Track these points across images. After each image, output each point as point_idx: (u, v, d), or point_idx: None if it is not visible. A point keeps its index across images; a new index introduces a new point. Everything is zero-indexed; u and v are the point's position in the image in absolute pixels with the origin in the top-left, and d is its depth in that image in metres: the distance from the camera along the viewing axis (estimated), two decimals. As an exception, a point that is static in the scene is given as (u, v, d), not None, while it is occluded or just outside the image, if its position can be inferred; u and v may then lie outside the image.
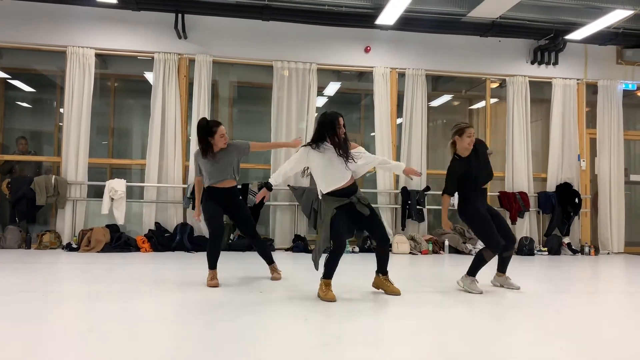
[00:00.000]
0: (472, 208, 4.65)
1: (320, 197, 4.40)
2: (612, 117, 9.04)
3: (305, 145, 4.29)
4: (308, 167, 4.34)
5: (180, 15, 7.73)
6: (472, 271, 4.71)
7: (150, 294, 4.27)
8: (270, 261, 5.16)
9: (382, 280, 4.51)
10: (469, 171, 4.63)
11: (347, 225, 4.24)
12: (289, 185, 7.83)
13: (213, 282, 4.62)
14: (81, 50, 7.70)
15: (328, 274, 4.25)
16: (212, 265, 4.72)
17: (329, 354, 2.75)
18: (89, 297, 4.12)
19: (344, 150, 4.13)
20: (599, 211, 9.01)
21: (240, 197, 5.02)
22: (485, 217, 4.62)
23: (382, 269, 4.49)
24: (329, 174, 4.21)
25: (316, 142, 4.19)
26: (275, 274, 5.08)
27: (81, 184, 7.60)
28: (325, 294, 4.16)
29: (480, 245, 8.10)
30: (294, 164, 4.33)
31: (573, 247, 8.60)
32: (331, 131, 4.12)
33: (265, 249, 5.19)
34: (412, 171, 4.53)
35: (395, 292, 4.40)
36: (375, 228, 4.35)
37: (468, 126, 4.68)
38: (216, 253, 4.75)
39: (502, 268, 4.90)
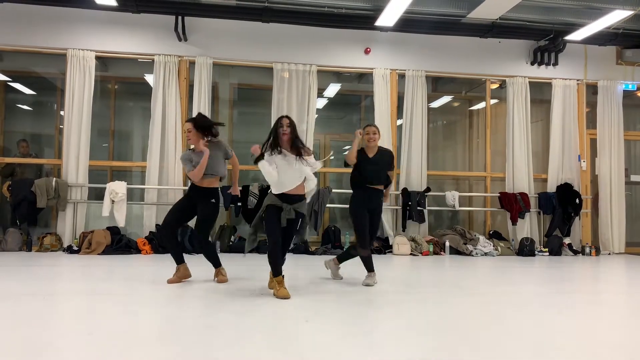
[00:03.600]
0: (355, 205, 4.91)
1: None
2: (612, 118, 9.04)
3: (265, 153, 4.29)
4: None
5: (180, 17, 7.75)
6: (370, 269, 4.96)
7: (151, 296, 4.27)
8: (216, 264, 5.04)
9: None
10: (364, 164, 4.87)
11: (277, 223, 4.32)
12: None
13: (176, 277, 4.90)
14: (81, 52, 7.72)
15: (275, 271, 4.33)
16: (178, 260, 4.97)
17: (331, 355, 2.75)
18: (89, 299, 4.12)
19: (293, 151, 4.28)
20: (599, 212, 9.00)
21: (213, 201, 4.92)
22: (363, 217, 4.88)
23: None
24: (282, 176, 4.28)
25: (272, 148, 4.27)
26: (220, 277, 4.99)
27: (82, 187, 7.61)
28: (278, 291, 4.24)
29: (480, 246, 8.12)
30: (269, 168, 4.28)
31: (574, 248, 8.60)
32: (274, 135, 4.28)
33: (211, 254, 5.06)
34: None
35: (285, 295, 4.23)
36: (287, 236, 4.41)
37: (367, 125, 5.04)
38: (174, 247, 4.96)
39: (341, 259, 5.19)
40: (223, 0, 7.66)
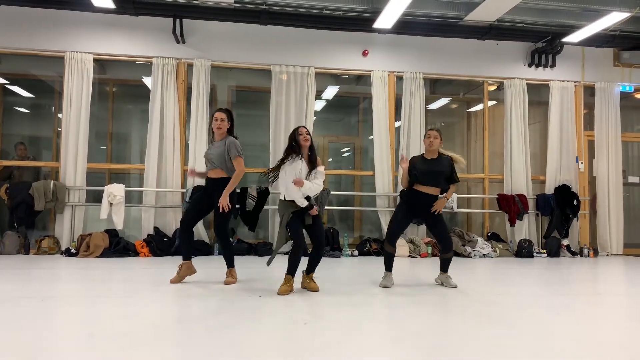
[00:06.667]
0: (401, 203, 5.17)
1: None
2: (609, 119, 9.06)
3: (287, 159, 4.62)
4: (273, 177, 4.73)
5: (178, 20, 7.75)
6: (388, 267, 5.16)
7: (150, 299, 4.26)
8: (230, 264, 5.12)
9: (305, 279, 4.82)
10: (417, 167, 5.02)
11: (301, 225, 4.67)
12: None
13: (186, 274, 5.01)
14: (79, 55, 7.71)
15: (291, 269, 4.62)
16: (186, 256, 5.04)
17: (330, 357, 2.75)
18: (88, 302, 4.12)
19: (310, 160, 4.64)
20: (597, 213, 9.02)
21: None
22: (400, 215, 5.12)
23: (310, 269, 4.82)
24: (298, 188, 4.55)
25: (294, 153, 4.61)
26: (229, 278, 5.05)
27: (80, 189, 7.60)
28: (279, 289, 4.55)
29: (479, 248, 8.13)
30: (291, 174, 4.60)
31: (572, 249, 8.61)
32: (295, 142, 4.61)
33: (226, 251, 5.14)
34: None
35: (314, 289, 4.71)
36: (317, 231, 4.74)
37: (430, 129, 5.16)
38: (185, 243, 5.08)
39: (442, 267, 5.23)
40: (221, 3, 7.67)
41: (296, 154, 4.56)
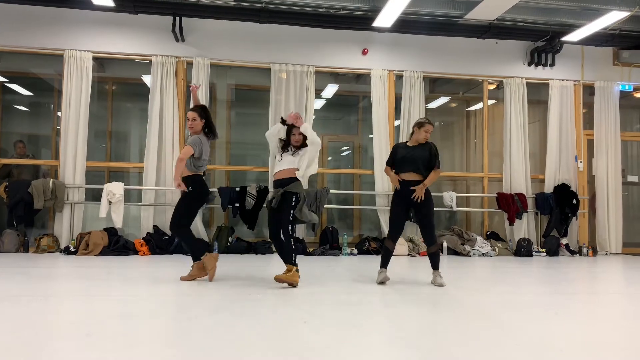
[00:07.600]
0: (393, 197, 5.17)
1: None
2: (609, 118, 9.07)
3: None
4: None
5: (177, 18, 7.74)
6: (383, 263, 5.17)
7: (149, 298, 4.26)
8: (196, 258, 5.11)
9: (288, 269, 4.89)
10: (403, 154, 5.09)
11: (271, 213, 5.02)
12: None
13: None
14: (79, 53, 7.70)
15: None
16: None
17: (329, 356, 2.75)
18: (87, 301, 4.11)
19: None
20: (596, 212, 9.03)
21: (189, 190, 4.90)
22: (395, 209, 5.11)
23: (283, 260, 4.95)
24: (278, 164, 4.99)
25: (283, 145, 5.06)
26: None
27: (79, 188, 7.60)
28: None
29: (478, 247, 8.13)
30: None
31: (571, 248, 8.62)
32: (287, 137, 5.04)
33: (187, 245, 5.29)
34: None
35: (291, 280, 4.71)
36: (278, 222, 4.88)
37: (428, 122, 5.11)
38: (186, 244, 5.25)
39: (433, 265, 5.12)
40: (220, 1, 7.66)
41: (284, 146, 5.00)
